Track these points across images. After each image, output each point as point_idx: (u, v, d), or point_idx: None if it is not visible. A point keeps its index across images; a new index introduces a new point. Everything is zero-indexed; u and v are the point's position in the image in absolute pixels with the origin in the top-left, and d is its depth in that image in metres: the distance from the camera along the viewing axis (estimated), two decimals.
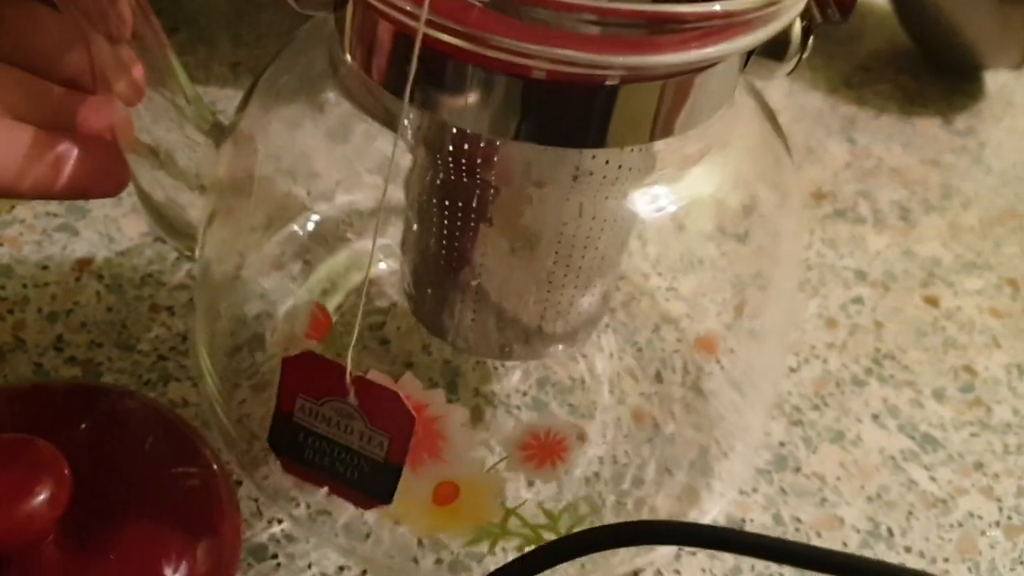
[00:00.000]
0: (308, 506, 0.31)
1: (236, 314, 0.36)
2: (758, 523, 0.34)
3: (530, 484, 0.31)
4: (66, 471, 0.25)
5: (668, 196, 0.28)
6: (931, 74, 0.57)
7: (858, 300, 0.43)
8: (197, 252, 0.32)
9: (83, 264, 0.38)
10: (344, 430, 0.25)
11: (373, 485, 0.25)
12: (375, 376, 0.24)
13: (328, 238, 0.40)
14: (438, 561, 0.30)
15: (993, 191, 0.50)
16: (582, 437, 0.34)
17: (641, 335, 0.39)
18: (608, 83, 0.22)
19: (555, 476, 0.27)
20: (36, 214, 0.40)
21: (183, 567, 0.27)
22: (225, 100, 0.47)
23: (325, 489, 0.30)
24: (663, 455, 0.35)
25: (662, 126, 0.24)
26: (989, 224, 0.48)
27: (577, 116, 0.23)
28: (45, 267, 0.38)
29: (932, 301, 0.43)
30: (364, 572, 0.30)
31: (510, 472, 0.27)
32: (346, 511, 0.31)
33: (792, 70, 0.26)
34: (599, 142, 0.24)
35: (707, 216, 0.32)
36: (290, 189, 0.38)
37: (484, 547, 0.29)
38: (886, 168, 0.50)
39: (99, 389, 0.33)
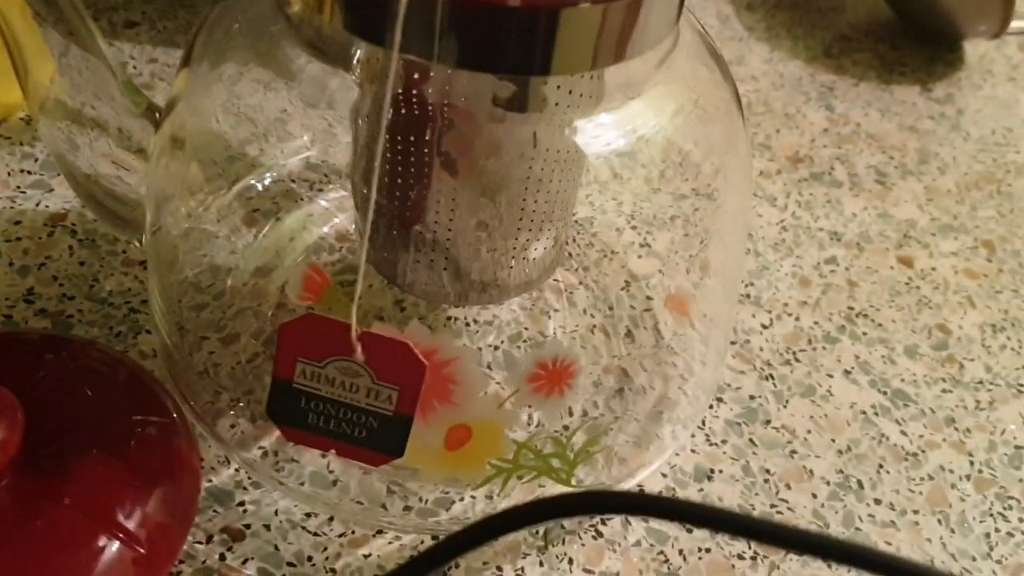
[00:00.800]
0: (275, 454, 0.31)
1: (200, 270, 0.36)
2: (727, 474, 0.34)
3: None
4: (19, 415, 0.26)
5: (615, 129, 0.28)
6: (911, 44, 0.57)
7: (832, 260, 0.43)
8: (145, 231, 0.32)
9: (56, 219, 0.38)
10: (349, 389, 0.25)
11: (383, 440, 0.25)
12: (381, 329, 0.24)
13: (283, 192, 0.40)
14: (406, 508, 0.30)
15: (971, 156, 0.50)
16: None
17: (591, 273, 0.39)
18: (547, 6, 0.22)
19: (563, 403, 0.27)
20: (11, 171, 0.40)
21: (136, 513, 0.27)
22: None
23: (278, 435, 0.30)
24: (632, 406, 0.35)
25: (608, 52, 0.24)
26: (966, 188, 0.48)
27: (521, 42, 0.23)
28: (18, 222, 0.38)
29: (907, 262, 0.43)
30: (331, 519, 0.30)
31: (520, 406, 0.27)
32: (312, 459, 0.31)
33: None
34: (544, 69, 0.24)
35: (651, 155, 0.32)
36: (241, 142, 0.38)
37: (474, 492, 0.29)
38: (864, 134, 0.50)
39: (62, 339, 0.33)
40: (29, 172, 0.40)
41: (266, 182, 0.39)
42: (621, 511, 0.29)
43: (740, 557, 0.31)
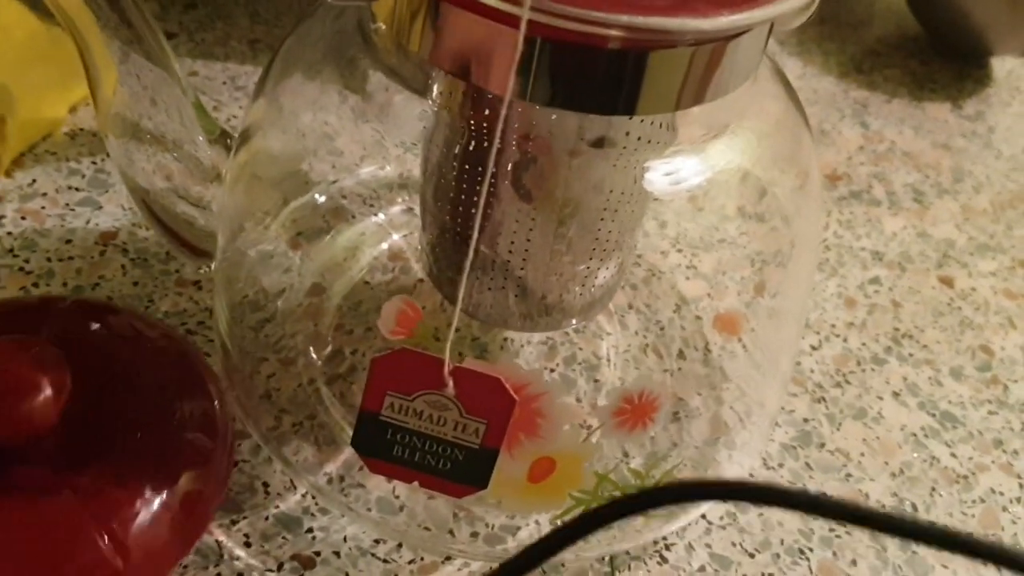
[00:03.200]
0: (341, 479, 0.31)
1: (258, 289, 0.36)
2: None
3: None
4: (67, 374, 0.26)
5: (689, 168, 0.28)
6: (939, 59, 0.58)
7: (875, 280, 0.43)
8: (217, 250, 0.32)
9: (107, 237, 0.38)
10: (437, 422, 0.25)
11: (467, 472, 0.26)
12: (472, 364, 0.24)
13: (350, 212, 0.40)
14: (473, 534, 0.30)
15: (1004, 175, 0.50)
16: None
17: (663, 314, 0.39)
18: (637, 49, 0.22)
19: (646, 437, 0.27)
20: (58, 187, 0.39)
21: (164, 490, 0.27)
22: (244, 76, 0.47)
23: (345, 458, 0.31)
24: (688, 429, 0.35)
25: (691, 94, 0.24)
26: (1001, 207, 0.48)
27: (607, 82, 0.23)
28: (69, 241, 0.38)
29: (947, 282, 0.44)
30: (399, 545, 0.30)
31: (603, 439, 0.27)
32: (377, 484, 0.31)
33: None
34: (629, 109, 0.24)
35: (727, 191, 0.33)
36: (311, 164, 0.38)
37: (539, 518, 0.29)
38: (899, 151, 0.50)
39: (111, 307, 0.34)
40: (77, 189, 0.40)
41: (321, 198, 0.39)
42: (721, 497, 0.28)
43: None
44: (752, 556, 0.32)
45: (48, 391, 0.26)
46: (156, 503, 0.27)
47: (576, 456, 0.26)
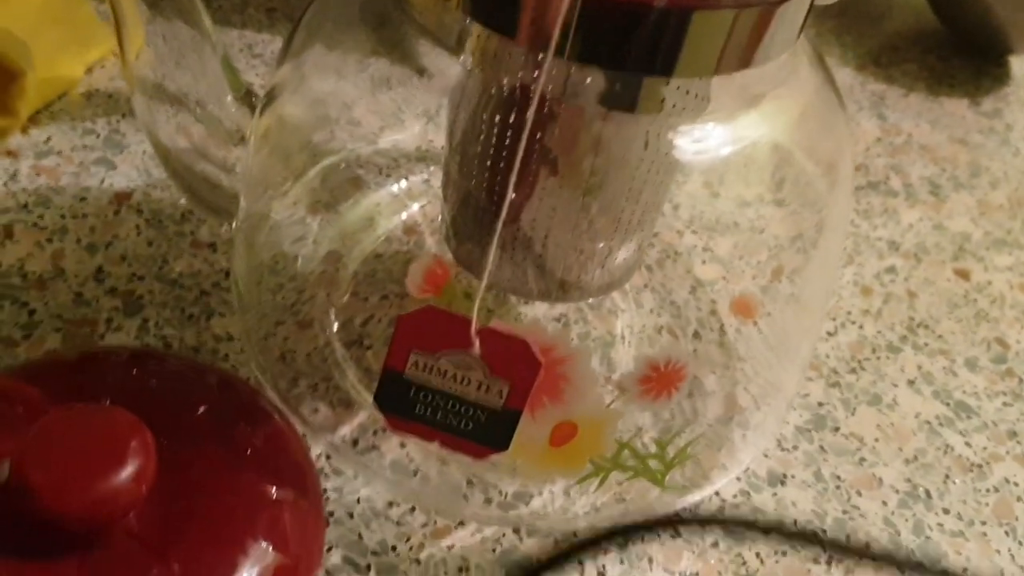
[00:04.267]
0: (355, 442, 0.31)
1: (276, 253, 0.36)
2: (799, 479, 0.34)
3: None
4: (151, 443, 0.24)
5: (718, 138, 0.28)
6: (958, 56, 0.57)
7: (892, 270, 0.43)
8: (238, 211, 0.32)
9: (121, 198, 0.38)
10: (461, 382, 0.25)
11: (489, 434, 0.25)
12: (500, 325, 0.24)
13: (368, 181, 0.40)
14: (487, 500, 0.30)
15: (1021, 172, 0.50)
16: None
17: (678, 295, 0.39)
18: (680, 7, 0.22)
19: (670, 406, 0.27)
20: (73, 146, 0.39)
21: (264, 561, 0.25)
22: (261, 44, 0.46)
23: (360, 421, 0.30)
24: (702, 407, 0.35)
25: (732, 60, 0.24)
26: (1018, 204, 0.48)
27: (647, 41, 0.22)
28: (83, 199, 0.37)
29: (963, 274, 0.43)
30: (413, 508, 0.30)
31: (628, 405, 0.27)
32: (391, 447, 0.31)
33: None
34: (667, 71, 0.24)
35: (757, 166, 0.32)
36: (333, 132, 0.38)
37: (552, 487, 0.29)
38: (916, 145, 0.50)
39: (167, 356, 0.31)
40: (92, 148, 0.39)
41: (341, 166, 0.38)
42: None
43: (816, 561, 0.31)
44: (766, 534, 0.32)
45: (135, 465, 0.23)
46: (261, 569, 0.25)
47: (599, 422, 0.26)
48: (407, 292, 0.37)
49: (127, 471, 0.23)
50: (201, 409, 0.28)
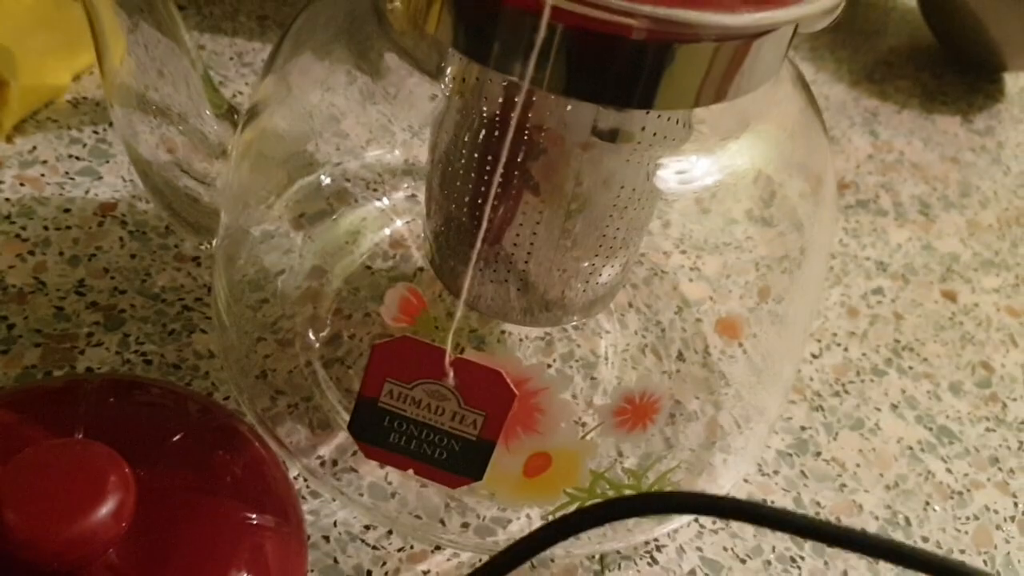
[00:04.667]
0: (334, 463, 0.31)
1: (258, 268, 0.35)
2: (779, 505, 0.34)
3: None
4: (129, 476, 0.23)
5: (702, 168, 0.28)
6: (952, 72, 0.57)
7: (879, 291, 0.43)
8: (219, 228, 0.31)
9: (106, 208, 0.37)
10: (435, 412, 0.25)
11: (463, 463, 0.25)
12: (473, 356, 0.24)
13: (354, 195, 0.39)
14: (464, 524, 0.30)
15: (1011, 192, 0.50)
16: None
17: (664, 315, 0.39)
18: (659, 41, 0.22)
19: (645, 438, 0.27)
20: (59, 156, 0.39)
21: (256, 564, 0.25)
22: (251, 53, 0.46)
23: (338, 443, 0.30)
24: (684, 431, 0.35)
25: (711, 92, 0.24)
26: (1007, 224, 0.48)
27: (626, 74, 0.22)
28: (67, 210, 0.37)
29: (950, 296, 0.43)
30: (390, 532, 0.30)
31: (601, 437, 0.27)
32: (370, 470, 0.31)
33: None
34: (646, 103, 0.24)
35: (738, 193, 0.32)
36: (318, 145, 0.38)
37: (530, 512, 0.29)
38: (907, 163, 0.50)
39: (141, 382, 0.31)
40: (77, 158, 0.39)
41: (325, 180, 0.38)
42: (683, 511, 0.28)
43: None
44: (743, 562, 0.32)
45: (114, 501, 0.23)
46: None
47: (573, 453, 0.26)
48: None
49: (106, 508, 0.23)
50: (179, 436, 0.28)
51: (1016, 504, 0.36)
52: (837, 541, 0.24)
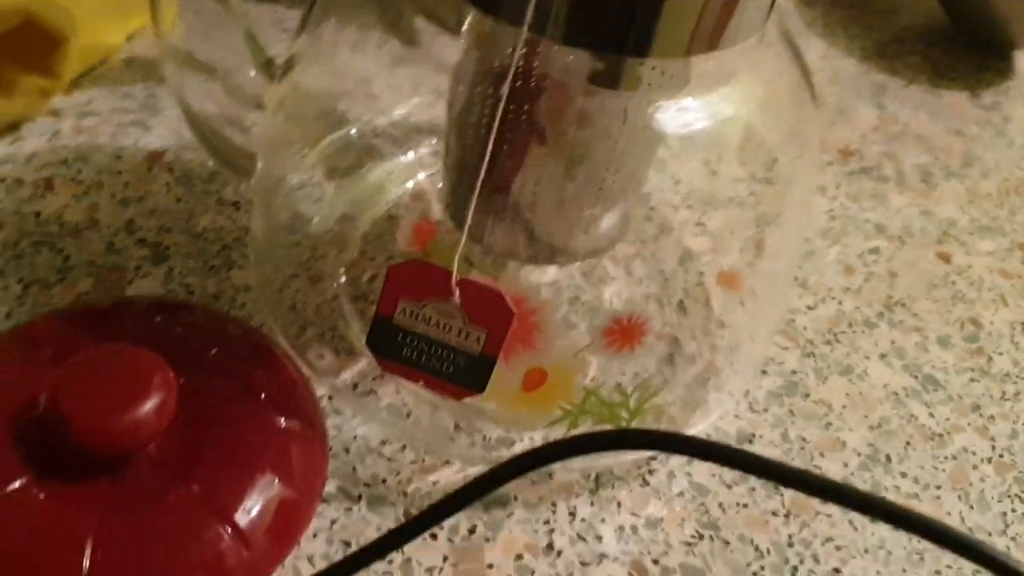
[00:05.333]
0: (355, 386, 0.34)
1: (292, 213, 0.39)
2: (767, 439, 0.36)
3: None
4: (172, 379, 0.27)
5: (692, 115, 0.30)
6: (962, 50, 0.59)
7: (876, 251, 0.45)
8: (258, 166, 0.35)
9: (154, 157, 0.41)
10: (443, 329, 0.28)
11: (468, 377, 0.28)
12: (478, 277, 0.27)
13: (381, 151, 0.42)
14: (472, 444, 0.33)
15: (1013, 163, 0.52)
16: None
17: (667, 265, 0.42)
18: None
19: (633, 358, 0.30)
20: (112, 108, 0.42)
21: (254, 514, 0.27)
22: (291, 20, 0.49)
23: (360, 368, 0.33)
24: (681, 371, 0.37)
25: (702, 42, 0.26)
26: (1006, 193, 0.50)
27: (622, 23, 0.25)
28: (119, 157, 0.40)
29: (945, 257, 0.45)
30: (404, 447, 0.33)
31: (592, 356, 0.29)
32: (388, 392, 0.34)
33: None
34: (641, 52, 0.26)
35: (725, 143, 0.35)
36: (348, 103, 0.41)
37: (533, 435, 0.32)
38: (912, 134, 0.52)
39: (187, 304, 0.35)
40: (129, 111, 0.43)
41: (355, 136, 0.41)
42: (660, 449, 0.31)
43: (774, 514, 0.34)
44: (729, 488, 0.34)
45: (157, 399, 0.26)
46: (271, 491, 0.28)
47: (567, 369, 0.29)
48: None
49: (150, 404, 0.27)
50: (217, 351, 0.31)
51: (994, 448, 0.38)
52: (814, 491, 0.26)
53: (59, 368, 0.27)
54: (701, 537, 0.32)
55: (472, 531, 0.31)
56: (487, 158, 0.26)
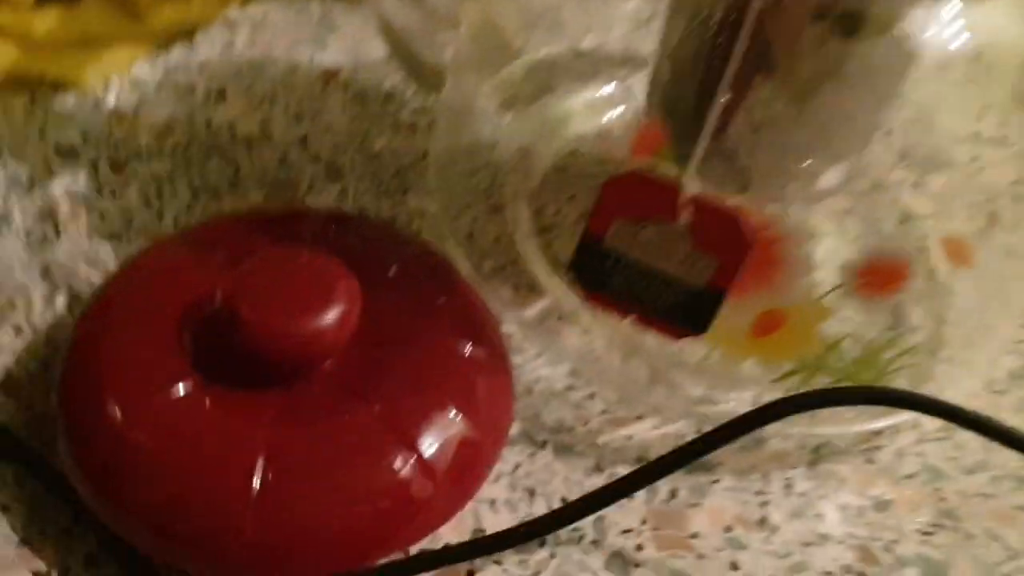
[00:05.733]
0: (539, 324, 0.30)
1: (474, 139, 0.35)
2: (1008, 424, 0.31)
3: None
4: (357, 288, 0.24)
5: (948, 39, 0.26)
6: None
7: None
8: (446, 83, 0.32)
9: (329, 75, 0.38)
10: (663, 255, 0.24)
11: (688, 314, 0.24)
12: (711, 196, 0.23)
13: (568, 82, 0.39)
14: (670, 397, 0.29)
15: None
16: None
17: (885, 224, 0.37)
18: None
19: (888, 307, 0.25)
20: (287, 23, 0.40)
21: (441, 447, 0.24)
22: None
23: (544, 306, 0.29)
24: (907, 338, 0.32)
25: None
26: None
27: None
28: (293, 72, 0.38)
29: None
30: (592, 395, 0.29)
31: (841, 301, 0.25)
32: (576, 333, 0.30)
33: None
34: None
35: (996, 68, 0.30)
36: (537, 31, 0.38)
37: (739, 395, 0.28)
38: None
39: (363, 219, 0.32)
40: (304, 27, 0.40)
41: (542, 64, 0.38)
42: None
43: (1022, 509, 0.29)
44: (970, 474, 0.29)
45: (341, 308, 0.24)
46: (455, 423, 0.24)
47: (810, 314, 0.25)
48: (600, 182, 0.36)
49: (333, 313, 0.23)
50: (397, 269, 0.28)
51: None
52: None
53: (236, 268, 0.24)
54: (939, 527, 0.28)
55: (673, 494, 0.27)
56: (720, 93, 0.22)
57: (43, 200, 0.32)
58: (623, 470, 0.27)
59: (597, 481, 0.27)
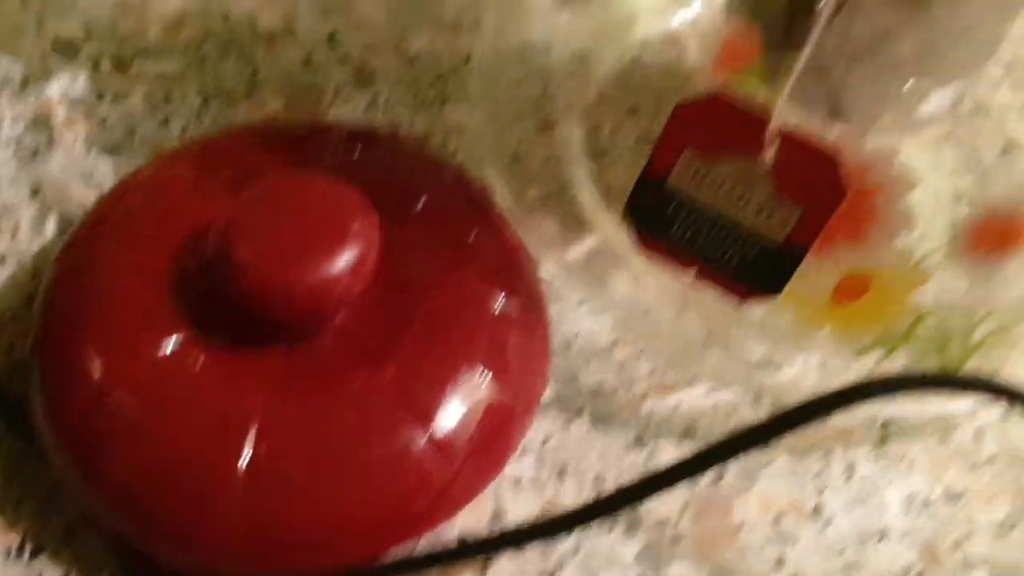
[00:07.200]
0: (584, 267, 0.27)
1: (525, 40, 0.31)
2: None
3: None
4: (375, 225, 0.21)
5: None
6: None
7: None
8: None
9: None
10: (738, 200, 0.20)
11: (760, 272, 0.21)
12: (804, 130, 0.19)
13: None
14: (727, 360, 0.26)
15: None
16: None
17: (986, 154, 0.32)
18: None
19: (999, 272, 0.22)
20: None
21: (456, 427, 0.21)
22: None
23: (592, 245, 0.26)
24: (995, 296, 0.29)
25: None
26: None
27: None
28: None
29: None
30: (639, 353, 0.26)
31: (941, 264, 0.21)
32: (626, 280, 0.27)
33: None
34: None
35: None
36: None
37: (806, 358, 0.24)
38: None
39: (392, 138, 0.28)
40: None
41: None
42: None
43: None
44: None
45: (355, 251, 0.20)
46: (482, 389, 0.21)
47: (899, 280, 0.21)
48: (666, 106, 0.32)
49: (345, 258, 0.20)
50: (427, 200, 0.25)
51: None
52: None
53: (235, 197, 0.21)
54: (1016, 524, 0.24)
55: (720, 477, 0.24)
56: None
57: (37, 104, 0.29)
58: (667, 445, 0.24)
59: (637, 459, 0.24)
